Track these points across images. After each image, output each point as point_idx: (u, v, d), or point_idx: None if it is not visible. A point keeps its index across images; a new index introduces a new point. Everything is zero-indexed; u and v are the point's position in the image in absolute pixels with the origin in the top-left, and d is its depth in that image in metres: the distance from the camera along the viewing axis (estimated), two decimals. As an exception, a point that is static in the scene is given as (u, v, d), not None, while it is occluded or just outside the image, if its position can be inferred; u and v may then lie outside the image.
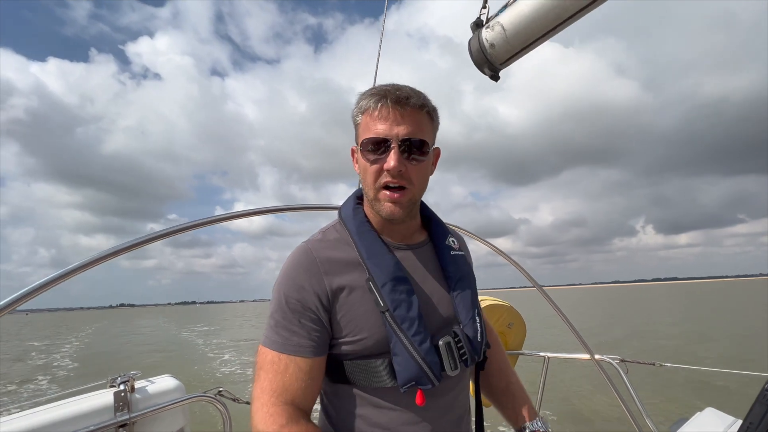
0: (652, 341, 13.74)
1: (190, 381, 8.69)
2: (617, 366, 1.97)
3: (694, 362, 9.46)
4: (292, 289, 0.76)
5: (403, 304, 0.75)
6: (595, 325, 18.40)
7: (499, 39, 0.76)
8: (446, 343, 0.78)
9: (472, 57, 0.81)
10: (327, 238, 0.84)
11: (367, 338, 0.76)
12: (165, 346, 20.31)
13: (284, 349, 0.74)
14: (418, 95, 0.77)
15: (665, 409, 6.39)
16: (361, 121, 0.80)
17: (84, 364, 15.45)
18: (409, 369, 0.73)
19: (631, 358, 2.05)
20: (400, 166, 0.74)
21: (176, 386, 1.63)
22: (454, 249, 0.91)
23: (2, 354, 20.98)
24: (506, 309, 2.49)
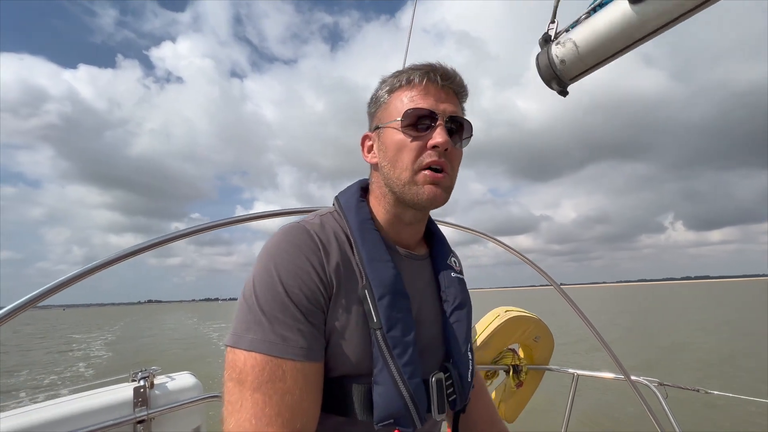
0: (686, 354, 12.84)
1: (207, 381, 8.78)
2: (655, 390, 1.79)
3: (741, 387, 8.10)
4: (292, 272, 0.58)
5: (399, 325, 0.61)
6: (618, 336, 17.62)
7: (571, 55, 0.76)
8: (437, 380, 0.65)
9: (540, 72, 0.81)
10: (326, 225, 0.68)
11: (349, 354, 0.61)
12: (187, 341, 20.99)
13: (287, 354, 0.55)
14: (463, 80, 0.71)
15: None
16: (393, 98, 0.69)
17: (116, 353, 17.18)
18: (392, 404, 0.59)
19: (671, 381, 1.85)
20: (447, 144, 0.64)
21: (194, 384, 1.63)
22: (455, 271, 0.78)
23: (48, 344, 22.41)
24: (533, 321, 2.38)
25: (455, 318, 0.73)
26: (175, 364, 11.50)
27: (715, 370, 10.41)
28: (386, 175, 0.69)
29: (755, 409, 6.30)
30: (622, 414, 6.82)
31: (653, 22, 0.67)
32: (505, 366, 2.34)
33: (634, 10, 0.68)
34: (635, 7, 0.67)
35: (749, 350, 12.52)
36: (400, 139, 0.66)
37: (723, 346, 13.91)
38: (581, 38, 0.74)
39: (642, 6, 0.67)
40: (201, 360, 13.40)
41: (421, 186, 0.65)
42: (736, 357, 11.77)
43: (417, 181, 0.66)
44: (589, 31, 0.73)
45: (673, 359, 12.19)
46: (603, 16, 0.72)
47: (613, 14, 0.71)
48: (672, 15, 0.65)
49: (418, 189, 0.66)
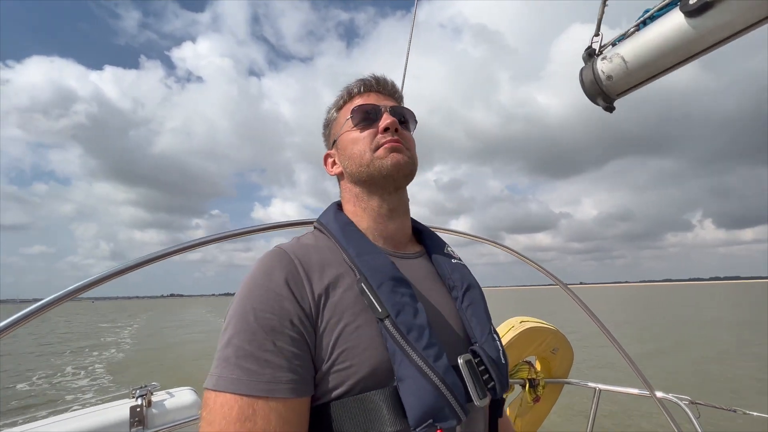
0: (713, 367, 11.91)
1: None
2: (686, 408, 1.64)
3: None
4: (263, 298, 0.54)
5: (407, 308, 0.56)
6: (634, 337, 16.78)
7: (619, 71, 0.72)
8: (467, 361, 0.58)
9: (585, 88, 0.78)
10: (302, 242, 0.66)
11: (361, 363, 0.54)
12: (206, 335, 21.48)
13: (254, 390, 0.48)
14: (396, 87, 0.78)
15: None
16: (341, 113, 0.75)
17: (139, 342, 18.39)
18: (425, 397, 0.51)
19: (703, 400, 1.69)
20: (395, 124, 0.69)
21: (194, 402, 1.60)
22: (455, 258, 0.77)
23: (79, 332, 23.69)
24: (551, 333, 2.26)
25: (468, 300, 0.68)
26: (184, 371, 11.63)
27: (744, 384, 9.78)
28: (351, 171, 0.71)
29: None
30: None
31: (712, 36, 0.63)
32: (521, 380, 2.24)
33: (690, 24, 0.64)
34: (692, 21, 0.63)
35: None
36: (355, 135, 0.70)
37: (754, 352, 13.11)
38: (630, 53, 0.70)
39: (700, 19, 0.63)
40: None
41: (383, 158, 0.67)
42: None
43: (378, 156, 0.68)
44: (640, 45, 0.70)
45: (698, 371, 11.48)
46: (655, 29, 0.68)
47: (666, 28, 0.67)
48: (734, 29, 0.61)
49: (381, 162, 0.67)
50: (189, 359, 13.97)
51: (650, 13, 0.70)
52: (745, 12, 0.59)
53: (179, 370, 11.96)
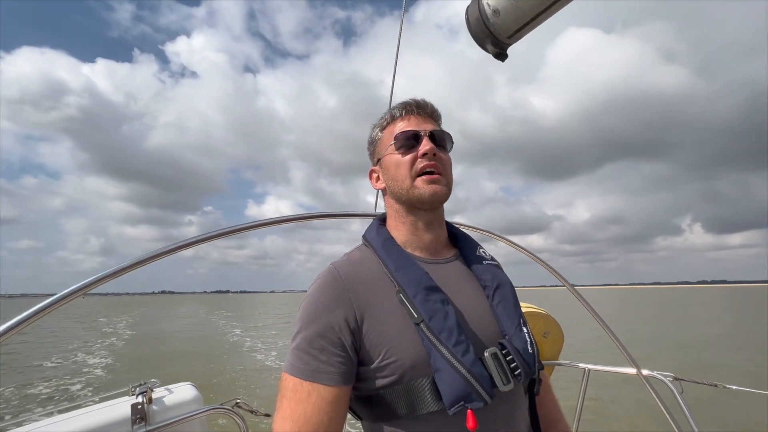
0: (697, 355, 12.37)
1: (209, 390, 8.66)
2: (670, 384, 1.70)
3: (761, 384, 8.04)
4: (316, 311, 0.71)
5: (439, 314, 0.69)
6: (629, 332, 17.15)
7: (505, 2, 0.56)
8: (492, 354, 0.70)
9: (471, 30, 0.62)
10: (351, 258, 0.81)
11: (404, 358, 0.68)
12: (196, 334, 21.41)
13: (305, 376, 0.68)
14: (435, 107, 0.87)
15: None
16: (385, 133, 0.86)
17: (135, 339, 19.03)
18: (455, 384, 0.64)
19: (686, 376, 1.77)
20: (434, 149, 0.79)
21: (194, 397, 1.60)
22: (487, 259, 0.87)
23: (72, 330, 23.99)
24: (542, 317, 2.33)
25: (498, 298, 0.79)
26: (182, 368, 11.51)
27: (724, 367, 10.03)
28: (393, 191, 0.83)
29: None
30: (635, 409, 6.53)
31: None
32: None
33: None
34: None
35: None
36: (397, 159, 0.82)
37: (733, 346, 13.41)
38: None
39: None
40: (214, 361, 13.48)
41: (422, 187, 0.78)
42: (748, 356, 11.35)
43: (417, 186, 0.79)
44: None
45: (686, 359, 11.79)
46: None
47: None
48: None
49: (420, 191, 0.78)
50: (187, 355, 13.97)
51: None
52: None
53: (178, 366, 11.97)
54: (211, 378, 10.01)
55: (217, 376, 10.28)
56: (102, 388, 9.22)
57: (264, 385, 9.42)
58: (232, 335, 20.38)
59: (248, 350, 15.16)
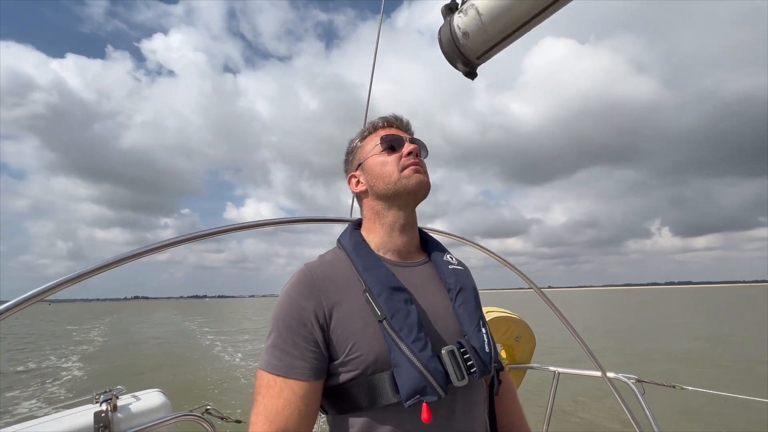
0: (660, 356, 12.95)
1: (179, 397, 8.43)
2: (633, 386, 1.81)
3: (715, 384, 8.61)
4: (288, 308, 0.75)
5: (401, 312, 0.73)
6: (597, 335, 17.75)
7: (474, 26, 0.60)
8: (449, 351, 0.73)
9: (443, 49, 0.65)
10: (324, 259, 0.85)
11: (367, 353, 0.72)
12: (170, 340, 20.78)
13: (278, 371, 0.71)
14: (410, 124, 0.96)
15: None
16: (366, 141, 0.92)
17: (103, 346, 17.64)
18: (411, 378, 0.68)
19: (648, 378, 1.88)
20: (417, 150, 0.87)
21: (162, 404, 1.54)
22: (453, 264, 0.92)
23: (35, 337, 22.59)
24: (514, 321, 2.38)
25: (460, 300, 0.83)
26: (153, 374, 11.13)
27: (689, 369, 10.57)
28: (376, 189, 0.87)
29: (724, 402, 6.34)
30: (601, 410, 6.92)
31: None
32: None
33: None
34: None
35: (718, 350, 12.69)
36: (383, 158, 0.87)
37: (696, 347, 14.09)
38: (484, 4, 0.58)
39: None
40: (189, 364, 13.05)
41: (408, 177, 0.83)
42: (708, 356, 12.01)
43: (404, 176, 0.84)
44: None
45: (649, 359, 12.32)
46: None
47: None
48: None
49: (408, 180, 0.83)
50: (158, 362, 13.52)
51: (507, -43, 0.59)
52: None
53: (148, 373, 11.55)
54: (182, 384, 9.72)
55: (189, 383, 10.02)
56: (66, 397, 8.83)
57: (236, 391, 9.22)
58: (205, 340, 19.97)
59: (219, 355, 14.85)
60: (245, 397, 8.40)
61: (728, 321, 25.54)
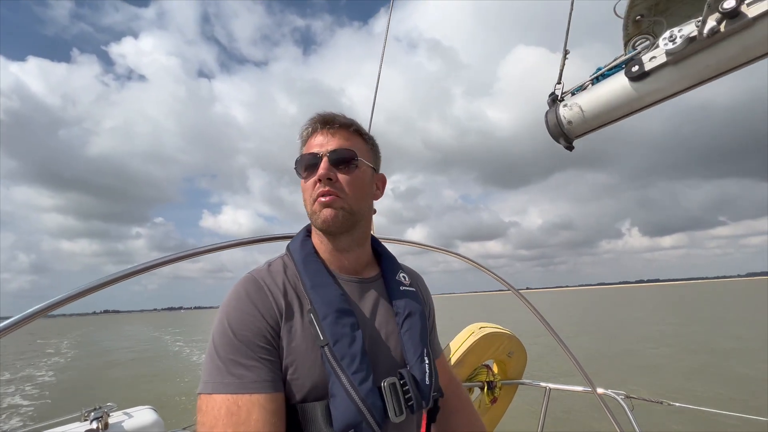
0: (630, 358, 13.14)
1: (171, 413, 8.19)
2: (622, 402, 1.87)
3: (699, 399, 8.41)
4: (239, 318, 0.68)
5: (345, 339, 0.68)
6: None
7: (577, 118, 0.87)
8: (390, 384, 0.70)
9: (549, 130, 0.92)
10: (272, 269, 0.78)
11: (304, 378, 0.67)
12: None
13: (243, 389, 0.62)
14: (346, 117, 0.82)
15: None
16: (303, 149, 0.82)
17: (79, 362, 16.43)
18: (347, 412, 0.64)
19: (636, 394, 1.98)
20: (328, 173, 0.75)
21: (154, 421, 1.53)
22: (404, 284, 0.86)
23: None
24: (507, 337, 2.44)
25: (407, 326, 0.79)
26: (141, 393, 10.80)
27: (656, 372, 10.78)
28: (306, 211, 0.81)
29: (711, 417, 6.66)
30: (592, 426, 7.01)
31: (649, 98, 0.79)
32: (480, 383, 2.37)
33: (632, 86, 0.80)
34: (633, 84, 0.79)
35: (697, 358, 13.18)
36: (302, 184, 0.81)
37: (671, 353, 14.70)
38: (586, 104, 0.85)
39: (640, 84, 0.78)
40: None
41: (318, 214, 0.76)
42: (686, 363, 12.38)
43: (314, 211, 0.77)
44: (594, 99, 0.85)
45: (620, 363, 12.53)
46: (605, 86, 0.84)
47: (613, 87, 0.83)
48: (667, 93, 0.77)
49: (316, 216, 0.76)
50: (141, 378, 13.04)
51: (601, 72, 0.86)
52: (674, 81, 0.75)
53: (133, 389, 11.16)
54: (169, 401, 9.49)
55: (176, 399, 9.78)
56: (46, 416, 8.45)
57: None
58: (183, 354, 19.36)
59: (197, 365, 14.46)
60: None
61: (693, 316, 26.94)
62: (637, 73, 0.77)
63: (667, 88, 0.76)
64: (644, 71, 0.76)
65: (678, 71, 0.73)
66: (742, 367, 10.87)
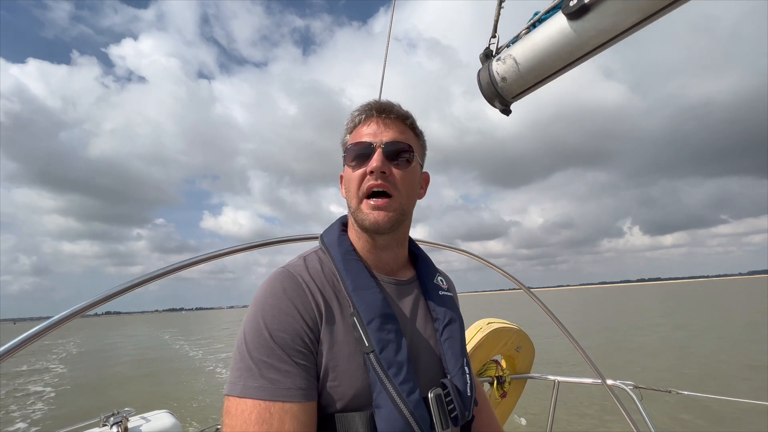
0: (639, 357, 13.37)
1: (186, 417, 8.21)
2: (631, 392, 1.86)
3: (707, 387, 8.59)
4: (276, 317, 0.62)
5: (391, 345, 0.64)
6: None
7: (512, 73, 0.71)
8: (437, 396, 0.66)
9: (482, 90, 0.76)
10: (309, 264, 0.72)
11: (347, 386, 0.62)
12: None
13: (276, 396, 0.57)
14: (403, 108, 0.77)
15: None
16: (351, 137, 0.77)
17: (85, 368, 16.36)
18: (395, 424, 0.60)
19: (644, 384, 1.95)
20: (383, 167, 0.70)
21: (172, 425, 1.56)
22: (443, 289, 0.83)
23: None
24: (515, 332, 2.46)
25: (447, 334, 0.75)
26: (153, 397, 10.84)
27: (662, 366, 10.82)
28: (348, 205, 0.76)
29: (718, 406, 6.82)
30: (602, 418, 7.00)
31: (593, 40, 0.63)
32: (489, 378, 2.39)
33: (572, 27, 0.63)
34: (573, 24, 0.63)
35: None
36: (348, 173, 0.74)
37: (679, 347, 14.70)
38: (521, 55, 0.69)
39: (580, 23, 0.62)
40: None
41: (365, 212, 0.71)
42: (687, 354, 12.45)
43: (362, 209, 0.71)
44: (529, 47, 0.69)
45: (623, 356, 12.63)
46: (542, 32, 0.68)
47: (551, 31, 0.66)
48: (611, 33, 0.61)
49: (363, 215, 0.71)
50: (151, 381, 13.01)
51: (538, 16, 0.70)
52: (620, 16, 0.59)
53: (144, 393, 11.09)
54: (185, 404, 9.45)
55: (191, 402, 9.78)
56: (62, 421, 8.41)
57: None
58: (193, 356, 19.44)
59: (213, 372, 14.48)
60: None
61: (688, 313, 26.95)
62: (575, 7, 0.60)
63: (612, 25, 0.60)
64: (584, 4, 0.60)
65: (624, 2, 0.57)
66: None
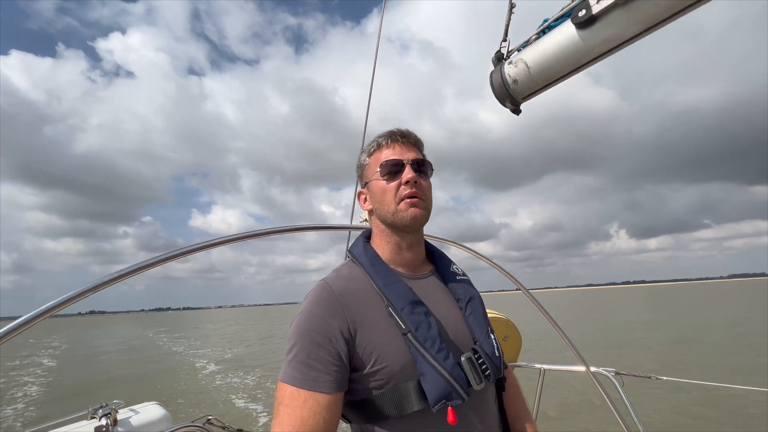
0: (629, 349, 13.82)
1: (176, 409, 8.20)
2: (613, 379, 1.95)
3: (687, 373, 9.04)
4: (312, 323, 0.78)
5: (423, 325, 0.79)
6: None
7: (523, 76, 0.77)
8: (468, 359, 0.81)
9: (494, 91, 0.81)
10: (341, 274, 0.88)
11: (393, 364, 0.77)
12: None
13: (303, 384, 0.74)
14: (418, 136, 0.95)
15: (664, 421, 6.28)
16: (372, 159, 0.93)
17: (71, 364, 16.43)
18: (439, 386, 0.75)
19: (626, 371, 2.04)
20: (416, 177, 0.87)
21: (162, 416, 1.56)
22: (459, 275, 0.98)
23: None
24: (502, 321, 2.55)
25: (470, 310, 0.91)
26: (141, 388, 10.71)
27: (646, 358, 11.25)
28: (379, 214, 0.91)
29: (698, 391, 7.05)
30: (585, 403, 7.35)
31: (599, 48, 0.69)
32: None
33: (580, 35, 0.69)
34: (581, 33, 0.69)
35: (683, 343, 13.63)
36: (383, 185, 0.89)
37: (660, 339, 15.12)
38: (532, 59, 0.75)
39: (588, 32, 0.68)
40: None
41: (405, 211, 0.86)
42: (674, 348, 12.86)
43: (401, 209, 0.87)
44: (539, 52, 0.74)
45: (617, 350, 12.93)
46: (551, 38, 0.74)
47: (560, 37, 0.72)
48: (616, 41, 0.67)
49: (403, 214, 0.86)
50: (141, 376, 12.98)
51: (548, 23, 0.75)
52: (625, 26, 0.65)
53: (135, 387, 11.15)
54: (173, 397, 9.52)
55: (180, 395, 9.79)
56: (49, 416, 8.29)
57: (227, 401, 9.19)
58: (176, 352, 19.30)
59: (201, 367, 14.41)
60: (239, 407, 8.50)
61: (668, 313, 27.75)
62: (584, 17, 0.66)
63: (617, 35, 0.66)
64: (592, 15, 0.65)
65: (628, 14, 0.63)
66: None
